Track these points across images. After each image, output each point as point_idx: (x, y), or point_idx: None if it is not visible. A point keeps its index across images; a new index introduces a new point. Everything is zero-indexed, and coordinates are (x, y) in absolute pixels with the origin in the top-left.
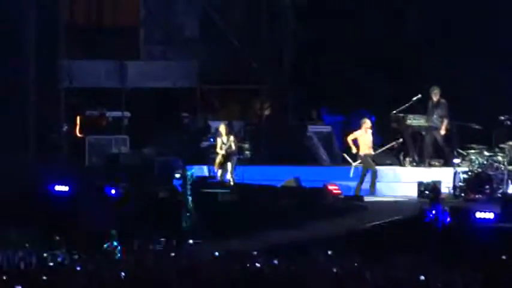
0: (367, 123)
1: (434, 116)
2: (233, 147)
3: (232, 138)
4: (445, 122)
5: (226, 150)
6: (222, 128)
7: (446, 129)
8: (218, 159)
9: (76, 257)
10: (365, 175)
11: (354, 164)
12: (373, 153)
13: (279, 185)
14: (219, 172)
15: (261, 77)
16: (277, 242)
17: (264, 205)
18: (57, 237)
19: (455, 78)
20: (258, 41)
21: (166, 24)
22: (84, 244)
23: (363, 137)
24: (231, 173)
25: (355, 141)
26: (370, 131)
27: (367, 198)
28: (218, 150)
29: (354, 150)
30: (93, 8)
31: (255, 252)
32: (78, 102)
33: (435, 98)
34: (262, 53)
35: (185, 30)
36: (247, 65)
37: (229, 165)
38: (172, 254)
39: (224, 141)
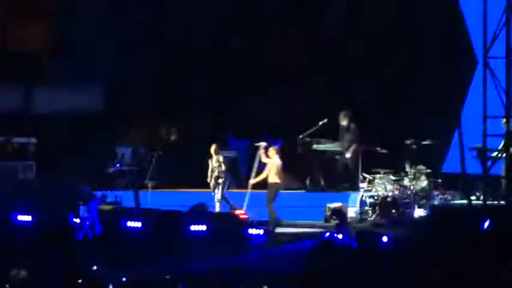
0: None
1: (345, 140)
2: (223, 167)
3: (221, 158)
4: (352, 146)
5: (217, 171)
6: (212, 149)
7: (353, 153)
8: (212, 182)
9: None
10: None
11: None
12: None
13: (185, 210)
14: (218, 194)
15: (166, 103)
16: (186, 268)
17: (171, 231)
18: None
19: (361, 102)
20: (164, 68)
21: (74, 51)
22: None
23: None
24: (222, 194)
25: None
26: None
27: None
28: (209, 172)
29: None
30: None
31: (168, 276)
32: None
33: (344, 123)
34: (168, 78)
35: (93, 58)
36: (154, 91)
37: (220, 185)
38: (79, 281)
39: (214, 162)
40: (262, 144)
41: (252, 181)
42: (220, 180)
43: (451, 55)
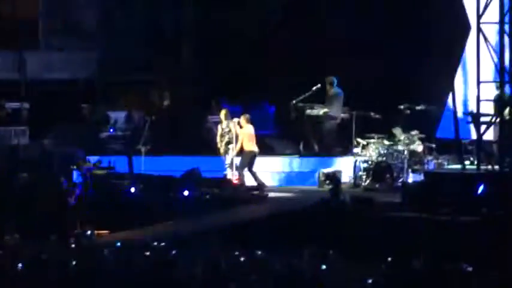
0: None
1: (333, 105)
2: (233, 132)
3: (231, 124)
4: (342, 110)
5: (227, 136)
6: (222, 114)
7: (342, 118)
8: (222, 147)
9: None
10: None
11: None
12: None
13: (178, 175)
14: (228, 159)
15: (160, 68)
16: (177, 232)
17: (164, 196)
18: None
19: (354, 66)
20: (157, 33)
21: (66, 15)
22: None
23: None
24: (232, 159)
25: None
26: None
27: (269, 188)
28: (219, 138)
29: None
30: None
31: (155, 243)
32: None
33: (331, 88)
34: (161, 44)
35: (85, 22)
36: (147, 57)
37: (230, 150)
38: (73, 246)
39: (224, 127)
40: (235, 120)
41: (232, 154)
42: (230, 146)
43: (444, 20)
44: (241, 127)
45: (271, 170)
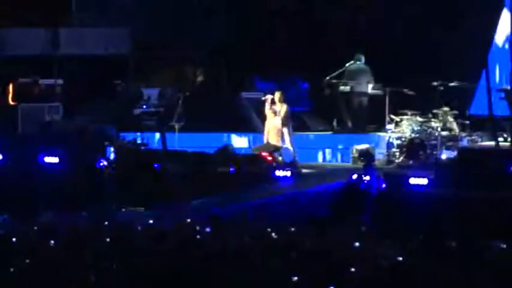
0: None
1: (363, 81)
2: (288, 114)
3: (285, 106)
4: (370, 86)
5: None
6: (277, 96)
7: (375, 95)
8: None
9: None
10: None
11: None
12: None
13: (212, 151)
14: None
15: (193, 44)
16: (212, 210)
17: (198, 172)
18: None
19: (387, 43)
20: (190, 8)
21: None
22: (20, 212)
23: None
24: (290, 142)
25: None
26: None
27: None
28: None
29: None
30: None
31: (188, 220)
32: (10, 71)
33: (358, 64)
34: (194, 21)
35: None
36: (180, 33)
37: (285, 134)
38: (106, 223)
39: (277, 109)
40: (268, 97)
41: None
42: (285, 129)
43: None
44: (274, 103)
45: (305, 147)
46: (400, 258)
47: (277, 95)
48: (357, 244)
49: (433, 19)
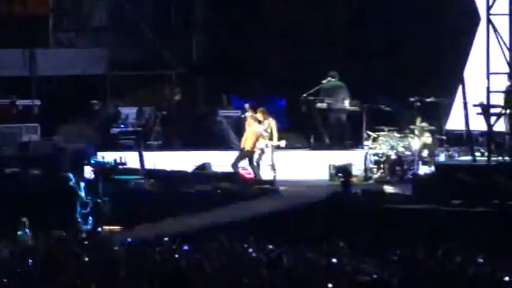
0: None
1: (339, 98)
2: (274, 131)
3: (272, 122)
4: (347, 102)
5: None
6: (260, 114)
7: (352, 111)
8: (259, 148)
9: None
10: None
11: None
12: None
13: (190, 170)
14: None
15: (170, 63)
16: (190, 228)
17: (176, 191)
18: None
19: (363, 59)
20: (167, 28)
21: (76, 12)
22: None
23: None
24: (272, 160)
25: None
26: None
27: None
28: (254, 137)
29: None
30: None
31: (166, 239)
32: None
33: (334, 81)
34: (171, 40)
35: (94, 19)
36: (157, 52)
37: (270, 149)
38: (86, 242)
39: (266, 127)
40: (247, 105)
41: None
42: (270, 143)
43: (453, 11)
44: (259, 122)
45: (282, 164)
46: (380, 274)
47: (260, 111)
48: (335, 260)
49: (410, 34)
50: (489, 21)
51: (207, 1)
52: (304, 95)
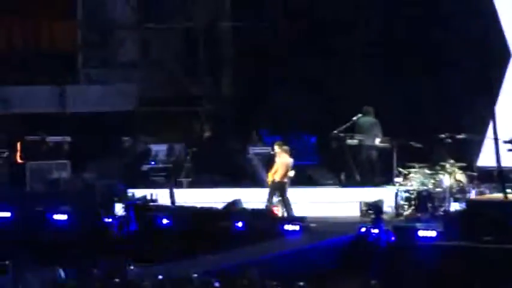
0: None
1: (371, 135)
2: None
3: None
4: (378, 139)
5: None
6: (278, 147)
7: (383, 148)
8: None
9: None
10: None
11: None
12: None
13: (220, 207)
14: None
15: (199, 99)
16: (221, 265)
17: (206, 228)
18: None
19: (394, 96)
20: (196, 64)
21: (104, 48)
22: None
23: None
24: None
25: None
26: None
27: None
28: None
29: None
30: (30, 33)
31: (195, 275)
32: (17, 128)
33: (367, 117)
34: (200, 76)
35: (123, 55)
36: (186, 88)
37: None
38: (117, 280)
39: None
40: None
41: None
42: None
43: (484, 47)
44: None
45: (313, 201)
46: None
47: (277, 144)
48: None
49: (438, 71)
50: None
51: (235, 39)
52: (335, 131)
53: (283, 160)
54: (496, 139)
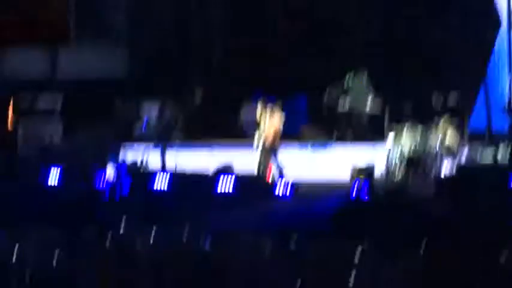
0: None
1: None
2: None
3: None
4: (370, 97)
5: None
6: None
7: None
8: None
9: None
10: None
11: None
12: None
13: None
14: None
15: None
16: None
17: (197, 193)
18: None
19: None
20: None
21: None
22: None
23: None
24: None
25: None
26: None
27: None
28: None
29: None
30: None
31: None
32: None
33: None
34: (193, 42)
35: (116, 19)
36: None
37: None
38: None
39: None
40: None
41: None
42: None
43: (474, 16)
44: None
45: (303, 161)
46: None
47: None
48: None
49: (431, 39)
50: (511, 26)
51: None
52: (327, 90)
53: (274, 122)
54: (487, 101)
